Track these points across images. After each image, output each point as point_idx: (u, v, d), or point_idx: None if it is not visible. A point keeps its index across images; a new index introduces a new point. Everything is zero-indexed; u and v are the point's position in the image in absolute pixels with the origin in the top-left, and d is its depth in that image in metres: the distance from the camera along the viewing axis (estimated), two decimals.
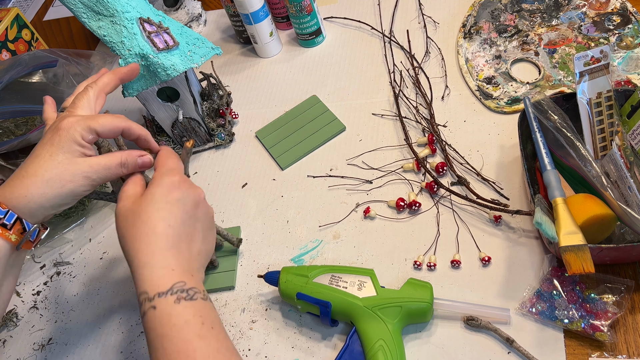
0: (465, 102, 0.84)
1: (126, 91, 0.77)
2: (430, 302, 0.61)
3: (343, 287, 0.63)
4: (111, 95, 1.05)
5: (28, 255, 0.84)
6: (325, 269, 0.65)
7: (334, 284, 0.63)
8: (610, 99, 0.66)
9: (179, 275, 0.49)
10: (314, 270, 0.65)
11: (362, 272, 0.64)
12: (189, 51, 0.78)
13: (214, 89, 0.91)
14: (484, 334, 0.61)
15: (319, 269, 0.65)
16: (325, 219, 0.76)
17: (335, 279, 0.64)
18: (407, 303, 0.61)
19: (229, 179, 0.85)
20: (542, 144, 0.64)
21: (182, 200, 0.53)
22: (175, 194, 0.53)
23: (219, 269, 0.74)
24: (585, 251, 0.56)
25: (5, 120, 0.94)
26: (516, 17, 0.91)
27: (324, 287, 0.63)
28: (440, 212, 0.73)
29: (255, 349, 0.67)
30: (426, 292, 0.61)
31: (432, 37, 0.94)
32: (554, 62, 0.84)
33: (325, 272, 0.65)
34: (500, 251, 0.67)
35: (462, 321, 0.63)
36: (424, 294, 0.61)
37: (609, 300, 0.59)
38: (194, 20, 1.10)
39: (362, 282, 0.63)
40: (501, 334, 0.60)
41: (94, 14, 0.74)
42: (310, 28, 0.97)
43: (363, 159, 0.81)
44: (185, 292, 0.48)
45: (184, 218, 0.53)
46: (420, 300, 0.61)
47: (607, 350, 0.58)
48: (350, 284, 0.63)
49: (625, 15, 0.85)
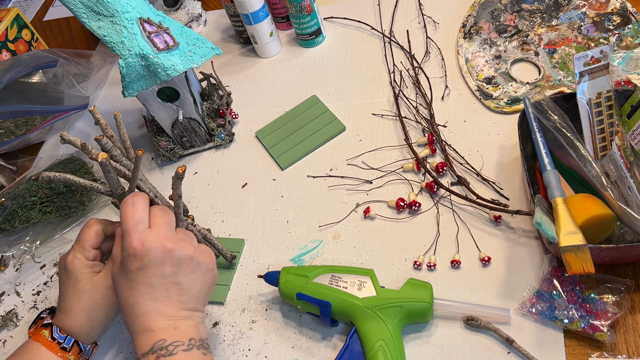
0: (465, 102, 0.84)
1: (126, 91, 0.77)
2: (430, 302, 0.61)
3: (343, 287, 0.63)
4: (111, 95, 1.05)
5: (29, 255, 0.84)
6: (325, 269, 0.65)
7: (334, 284, 0.63)
8: (610, 99, 0.66)
9: (158, 334, 0.53)
10: (314, 271, 0.65)
11: (362, 272, 0.64)
12: (189, 51, 0.78)
13: (214, 89, 0.91)
14: (484, 334, 0.61)
15: (319, 269, 0.65)
16: (325, 219, 0.76)
17: (335, 279, 0.63)
18: (407, 303, 0.60)
19: (229, 179, 0.85)
20: (542, 144, 0.64)
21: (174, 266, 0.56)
22: (167, 268, 0.56)
23: None
24: (585, 251, 0.56)
25: (5, 120, 0.94)
26: (516, 17, 0.91)
27: (324, 287, 0.63)
28: (440, 212, 0.73)
29: (255, 349, 0.67)
30: (426, 292, 0.61)
31: (432, 37, 0.94)
32: (553, 62, 0.84)
33: (325, 272, 0.64)
34: (500, 251, 0.67)
35: (462, 321, 0.63)
36: (424, 294, 0.61)
37: (608, 301, 0.59)
38: (194, 20, 1.10)
39: (362, 282, 0.63)
40: (501, 334, 0.60)
41: (94, 14, 0.74)
42: (310, 28, 0.97)
43: (363, 159, 0.81)
44: (164, 349, 0.52)
45: (164, 278, 0.56)
46: (420, 300, 0.61)
47: (607, 351, 0.58)
48: (350, 284, 0.63)
49: (625, 15, 0.85)
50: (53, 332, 0.62)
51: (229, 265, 0.75)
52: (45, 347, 0.61)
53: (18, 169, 0.96)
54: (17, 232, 0.85)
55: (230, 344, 0.68)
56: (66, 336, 0.62)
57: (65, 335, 0.62)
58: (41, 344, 0.62)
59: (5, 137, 0.95)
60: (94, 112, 0.66)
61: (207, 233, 0.72)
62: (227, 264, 0.75)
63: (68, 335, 0.62)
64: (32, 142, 1.01)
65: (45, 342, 0.62)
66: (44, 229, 0.85)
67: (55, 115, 0.96)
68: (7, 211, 0.82)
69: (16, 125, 0.96)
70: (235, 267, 0.75)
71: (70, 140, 0.62)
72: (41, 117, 0.98)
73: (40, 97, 0.95)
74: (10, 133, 0.95)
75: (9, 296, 0.80)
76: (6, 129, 0.95)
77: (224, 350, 0.68)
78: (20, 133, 0.96)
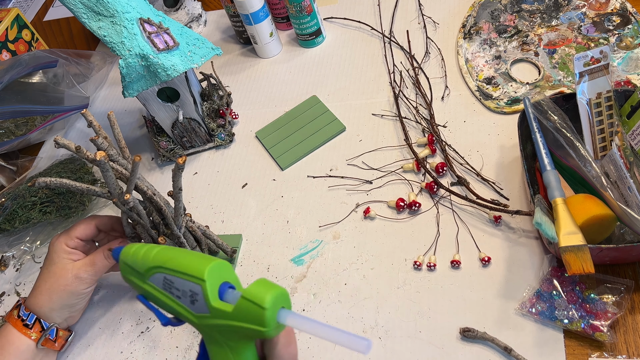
0: (465, 103, 0.84)
1: (126, 91, 0.77)
2: (269, 327, 0.40)
3: (177, 296, 0.45)
4: (111, 95, 1.05)
5: (29, 255, 0.84)
6: (157, 262, 0.46)
7: (168, 290, 0.45)
8: (610, 99, 0.66)
9: None
10: (148, 264, 0.46)
11: (193, 276, 0.43)
12: (189, 51, 0.78)
13: (214, 89, 0.91)
14: (481, 345, 0.61)
15: (149, 264, 0.46)
16: (325, 219, 0.76)
17: (168, 283, 0.45)
18: (239, 325, 0.41)
19: (229, 179, 0.86)
20: (542, 144, 0.65)
21: None
22: None
23: None
24: (585, 251, 0.56)
25: (5, 120, 0.94)
26: (516, 18, 0.91)
27: (159, 291, 0.46)
28: (440, 212, 0.73)
29: None
30: (266, 297, 0.40)
31: (432, 38, 0.94)
32: (553, 62, 0.84)
33: (157, 270, 0.46)
34: (500, 251, 0.67)
35: (458, 332, 0.62)
36: (259, 312, 0.40)
37: (608, 301, 0.59)
38: (194, 20, 1.10)
39: (193, 294, 0.43)
40: (499, 343, 0.59)
41: (94, 14, 0.74)
42: (310, 28, 0.97)
43: (363, 159, 0.81)
44: None
45: None
46: (253, 323, 0.40)
47: (607, 351, 0.58)
48: (183, 294, 0.44)
49: (625, 15, 0.85)
50: (20, 310, 0.66)
51: (230, 259, 0.75)
52: (11, 325, 0.65)
53: (18, 169, 0.96)
54: (17, 232, 0.85)
55: None
56: (29, 313, 0.65)
57: (29, 313, 0.65)
58: (9, 322, 0.65)
59: (6, 137, 0.95)
60: (86, 114, 0.66)
61: (207, 229, 0.72)
62: (228, 259, 0.75)
63: (31, 313, 0.65)
64: (32, 142, 1.01)
65: (12, 319, 0.65)
66: (44, 229, 0.86)
67: (55, 115, 0.96)
68: (7, 211, 0.82)
69: (16, 126, 0.96)
70: (235, 263, 0.75)
71: (65, 144, 0.60)
72: (41, 117, 0.98)
73: (40, 97, 0.95)
74: (10, 133, 0.95)
75: (9, 296, 0.80)
76: (6, 129, 0.95)
77: None
78: (21, 133, 0.96)
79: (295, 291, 0.70)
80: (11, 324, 0.65)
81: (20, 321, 0.65)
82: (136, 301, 0.75)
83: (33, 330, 0.65)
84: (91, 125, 0.66)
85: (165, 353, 0.69)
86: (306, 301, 0.69)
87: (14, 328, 0.64)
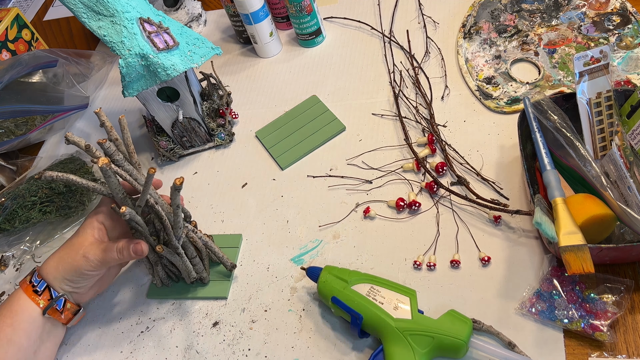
0: (465, 102, 0.84)
1: (126, 91, 0.77)
2: (465, 341, 0.56)
3: (380, 302, 0.60)
4: (111, 95, 1.05)
5: (29, 255, 0.84)
6: (366, 277, 0.63)
7: (371, 297, 0.60)
8: (610, 99, 0.66)
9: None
10: (355, 277, 0.62)
11: (404, 291, 0.61)
12: (189, 51, 0.78)
13: (214, 89, 0.91)
14: (486, 337, 0.61)
15: (360, 277, 0.63)
16: (325, 219, 0.76)
17: (373, 291, 0.61)
18: (440, 336, 0.57)
19: (229, 179, 0.86)
20: (541, 144, 0.64)
21: None
22: None
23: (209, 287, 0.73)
24: (585, 251, 0.56)
25: (5, 120, 0.94)
26: (516, 17, 0.91)
27: (360, 297, 0.60)
28: (440, 212, 0.73)
29: (255, 349, 0.67)
30: (464, 328, 0.57)
31: (432, 37, 0.94)
32: (553, 62, 0.84)
33: (366, 281, 0.62)
34: (500, 251, 0.67)
35: None
36: (461, 330, 0.57)
37: (608, 300, 0.59)
38: (194, 20, 1.10)
39: (399, 302, 0.60)
40: (503, 338, 0.60)
41: (94, 14, 0.74)
42: (310, 28, 0.97)
43: (363, 159, 0.81)
44: None
45: None
46: (455, 336, 0.57)
47: (607, 350, 0.58)
48: (388, 301, 0.60)
49: (625, 15, 0.85)
50: (33, 277, 0.65)
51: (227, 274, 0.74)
52: (22, 290, 0.65)
53: (18, 169, 0.96)
54: (17, 232, 0.85)
55: (230, 343, 0.68)
56: (41, 280, 0.65)
57: (40, 280, 0.65)
58: (21, 287, 0.65)
59: (5, 137, 0.95)
60: (100, 114, 0.66)
61: (209, 240, 0.72)
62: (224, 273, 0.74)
63: (42, 280, 0.65)
64: (32, 142, 1.01)
65: (24, 284, 0.65)
66: (44, 228, 0.86)
67: (55, 115, 0.96)
68: (7, 211, 0.82)
69: (16, 125, 0.96)
70: (235, 261, 0.75)
71: (75, 142, 0.62)
72: (41, 117, 0.98)
73: (40, 97, 0.95)
74: (10, 133, 0.95)
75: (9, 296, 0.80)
76: (6, 128, 0.95)
77: (224, 350, 0.68)
78: (20, 133, 0.96)
79: (295, 291, 0.70)
80: (22, 289, 0.65)
81: (31, 287, 0.64)
82: (137, 301, 0.75)
83: (42, 297, 0.64)
84: (104, 126, 0.66)
85: (165, 353, 0.69)
86: (306, 301, 0.69)
87: (24, 293, 0.64)
